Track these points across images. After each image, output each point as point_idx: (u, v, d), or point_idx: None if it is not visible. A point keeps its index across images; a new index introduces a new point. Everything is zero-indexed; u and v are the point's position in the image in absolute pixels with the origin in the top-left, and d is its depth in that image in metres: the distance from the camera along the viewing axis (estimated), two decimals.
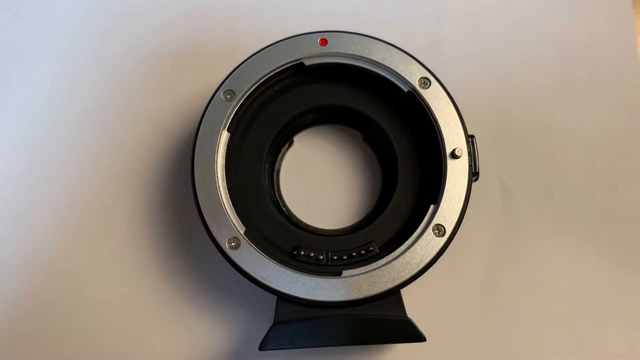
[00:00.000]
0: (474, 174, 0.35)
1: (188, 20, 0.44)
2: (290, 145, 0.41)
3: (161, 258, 0.40)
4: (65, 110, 0.43)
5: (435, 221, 0.34)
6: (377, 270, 0.34)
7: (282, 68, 0.36)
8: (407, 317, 0.34)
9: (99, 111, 0.43)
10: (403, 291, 0.34)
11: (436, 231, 0.34)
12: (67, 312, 0.39)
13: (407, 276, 0.34)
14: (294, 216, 0.39)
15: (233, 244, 0.34)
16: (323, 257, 0.35)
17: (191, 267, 0.40)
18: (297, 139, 0.41)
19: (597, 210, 0.40)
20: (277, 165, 0.40)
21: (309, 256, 0.35)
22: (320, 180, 0.41)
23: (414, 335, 0.33)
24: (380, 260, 0.34)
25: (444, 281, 0.39)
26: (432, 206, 0.35)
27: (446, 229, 0.34)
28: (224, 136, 0.36)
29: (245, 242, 0.34)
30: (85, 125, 0.43)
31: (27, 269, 0.40)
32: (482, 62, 0.43)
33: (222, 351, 0.39)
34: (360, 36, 0.37)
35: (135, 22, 0.44)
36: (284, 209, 0.39)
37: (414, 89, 0.36)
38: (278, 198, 0.40)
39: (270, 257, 0.34)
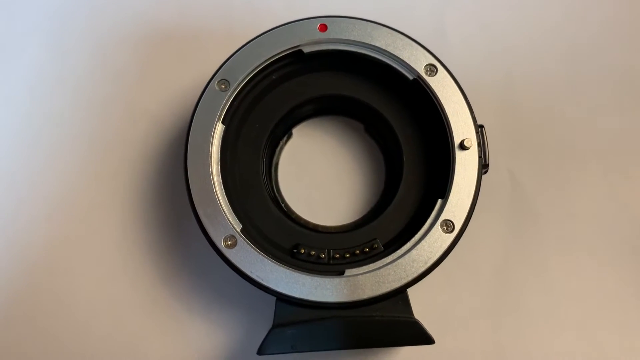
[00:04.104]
0: (483, 166, 0.34)
1: (179, 6, 0.43)
2: (288, 138, 0.40)
3: (153, 257, 0.39)
4: (50, 103, 0.42)
5: (443, 216, 0.33)
6: (382, 269, 0.33)
7: (279, 56, 0.36)
8: (415, 319, 0.33)
9: (86, 103, 0.42)
10: (409, 291, 0.33)
11: (444, 227, 0.33)
12: (54, 315, 0.39)
13: (414, 275, 0.33)
14: (294, 212, 0.38)
15: (229, 242, 0.33)
16: (324, 256, 0.34)
17: (185, 267, 0.39)
18: (296, 131, 0.40)
19: (612, 205, 0.39)
20: (275, 158, 0.40)
21: (309, 255, 0.34)
22: (320, 175, 0.40)
23: (422, 337, 0.32)
24: (385, 259, 0.33)
25: (452, 280, 0.38)
26: (439, 200, 0.34)
27: (455, 224, 0.33)
28: (219, 128, 0.35)
29: (242, 241, 0.33)
30: (72, 118, 0.42)
31: (13, 269, 0.39)
32: (489, 50, 0.42)
33: (219, 355, 0.38)
34: (362, 21, 0.36)
35: (124, 8, 0.43)
36: (283, 205, 0.38)
37: (419, 76, 0.35)
38: (276, 193, 0.39)
39: (268, 255, 0.33)
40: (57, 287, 0.39)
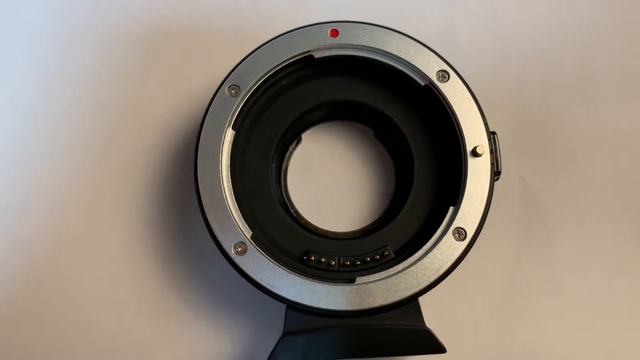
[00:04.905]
0: (496, 173, 0.34)
1: (189, 10, 0.43)
2: (298, 143, 0.40)
3: (162, 263, 0.39)
4: (56, 105, 0.42)
5: (455, 224, 0.33)
6: (393, 277, 0.32)
7: (290, 61, 0.35)
8: (426, 327, 0.32)
9: (93, 106, 0.42)
10: (420, 299, 0.33)
11: (456, 235, 0.33)
12: (61, 316, 0.38)
13: (426, 283, 0.32)
14: (303, 218, 0.38)
15: (239, 249, 0.33)
16: (335, 263, 0.34)
17: (194, 273, 0.39)
18: (306, 136, 0.40)
19: (623, 211, 0.39)
20: (284, 164, 0.39)
21: (319, 262, 0.34)
22: (330, 180, 0.40)
23: (433, 346, 0.32)
24: (396, 266, 0.33)
25: (463, 287, 0.38)
26: (451, 208, 0.33)
27: (467, 232, 0.33)
28: (229, 134, 0.34)
29: (252, 247, 0.33)
30: (79, 121, 0.41)
31: (17, 271, 0.39)
32: (499, 55, 0.42)
33: None
34: (374, 26, 0.35)
35: (132, 10, 0.43)
36: (292, 210, 0.38)
37: (431, 82, 0.35)
38: (286, 199, 0.38)
39: (278, 262, 0.33)
40: (64, 288, 0.39)
